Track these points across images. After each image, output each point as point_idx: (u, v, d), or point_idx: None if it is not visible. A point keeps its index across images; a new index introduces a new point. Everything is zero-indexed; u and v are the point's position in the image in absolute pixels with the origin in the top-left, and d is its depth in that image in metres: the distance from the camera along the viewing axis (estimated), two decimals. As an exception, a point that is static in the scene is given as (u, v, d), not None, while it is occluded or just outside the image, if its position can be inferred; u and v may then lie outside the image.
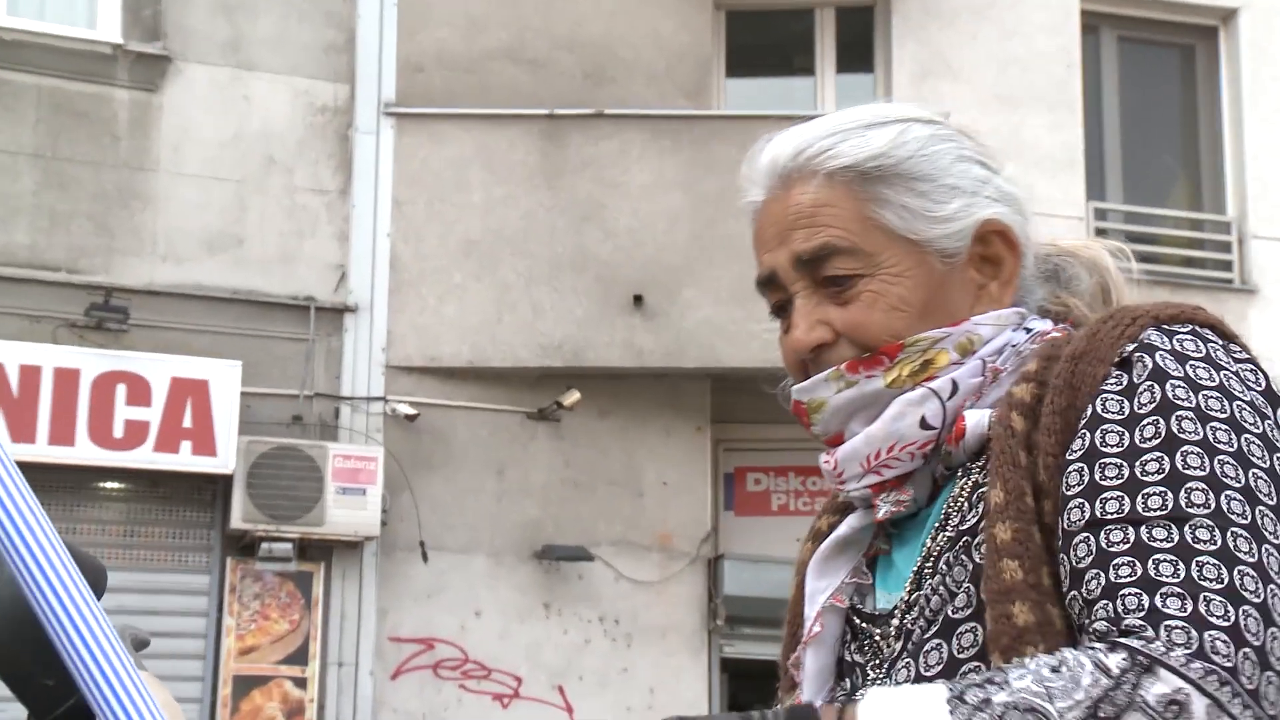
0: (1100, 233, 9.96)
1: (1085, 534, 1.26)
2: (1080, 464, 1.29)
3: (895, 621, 1.42)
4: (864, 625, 1.48)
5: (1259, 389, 1.32)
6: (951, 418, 1.43)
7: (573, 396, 9.24)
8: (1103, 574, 1.23)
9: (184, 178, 9.31)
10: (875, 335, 1.44)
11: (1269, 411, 1.30)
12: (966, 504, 1.39)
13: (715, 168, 9.35)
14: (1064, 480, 1.30)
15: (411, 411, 9.19)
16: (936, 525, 1.42)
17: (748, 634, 9.56)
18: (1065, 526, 1.28)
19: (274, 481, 8.75)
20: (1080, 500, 1.27)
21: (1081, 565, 1.25)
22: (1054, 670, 1.17)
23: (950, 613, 1.36)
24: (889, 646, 1.43)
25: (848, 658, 1.49)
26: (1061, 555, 1.29)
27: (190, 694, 8.85)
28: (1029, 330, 1.47)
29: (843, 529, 1.52)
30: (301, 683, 8.92)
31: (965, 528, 1.36)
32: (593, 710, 9.25)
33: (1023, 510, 1.30)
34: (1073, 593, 1.26)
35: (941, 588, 1.37)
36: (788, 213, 1.47)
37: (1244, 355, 1.34)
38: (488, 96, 9.67)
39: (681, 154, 9.47)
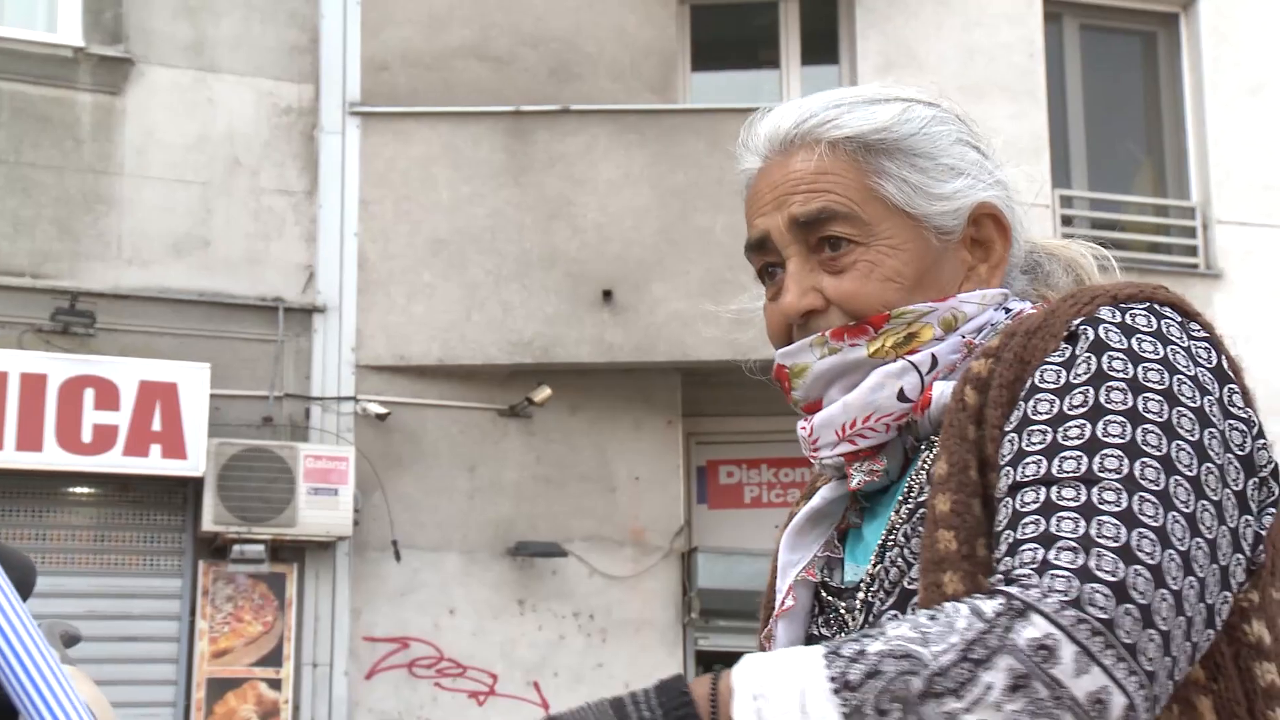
0: (1066, 220, 10.08)
1: (1006, 498, 1.28)
2: (1013, 434, 1.30)
3: (860, 595, 1.44)
4: (830, 599, 1.49)
5: (1208, 365, 1.32)
6: (925, 388, 1.44)
7: (543, 393, 9.23)
8: (1012, 533, 1.24)
9: (149, 181, 9.24)
10: (867, 305, 1.45)
11: (1213, 388, 1.30)
12: (926, 476, 1.40)
13: (682, 162, 9.37)
14: (999, 451, 1.31)
15: (382, 411, 9.17)
16: (900, 498, 1.43)
17: (723, 627, 9.55)
18: (996, 495, 1.30)
19: (245, 483, 8.70)
20: (1007, 468, 1.29)
21: (999, 529, 1.27)
22: (931, 618, 1.19)
23: (906, 584, 1.37)
24: (854, 620, 1.43)
25: (815, 632, 1.50)
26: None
27: (164, 698, 8.82)
28: (1008, 310, 1.49)
29: (815, 500, 1.53)
30: (276, 684, 8.88)
31: (922, 500, 1.38)
32: (569, 706, 9.15)
33: (964, 483, 1.31)
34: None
35: (900, 559, 1.39)
36: (788, 177, 1.48)
37: (1201, 333, 1.34)
38: (453, 94, 9.62)
39: (648, 148, 9.45)
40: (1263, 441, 1.33)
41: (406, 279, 9.36)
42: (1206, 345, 1.34)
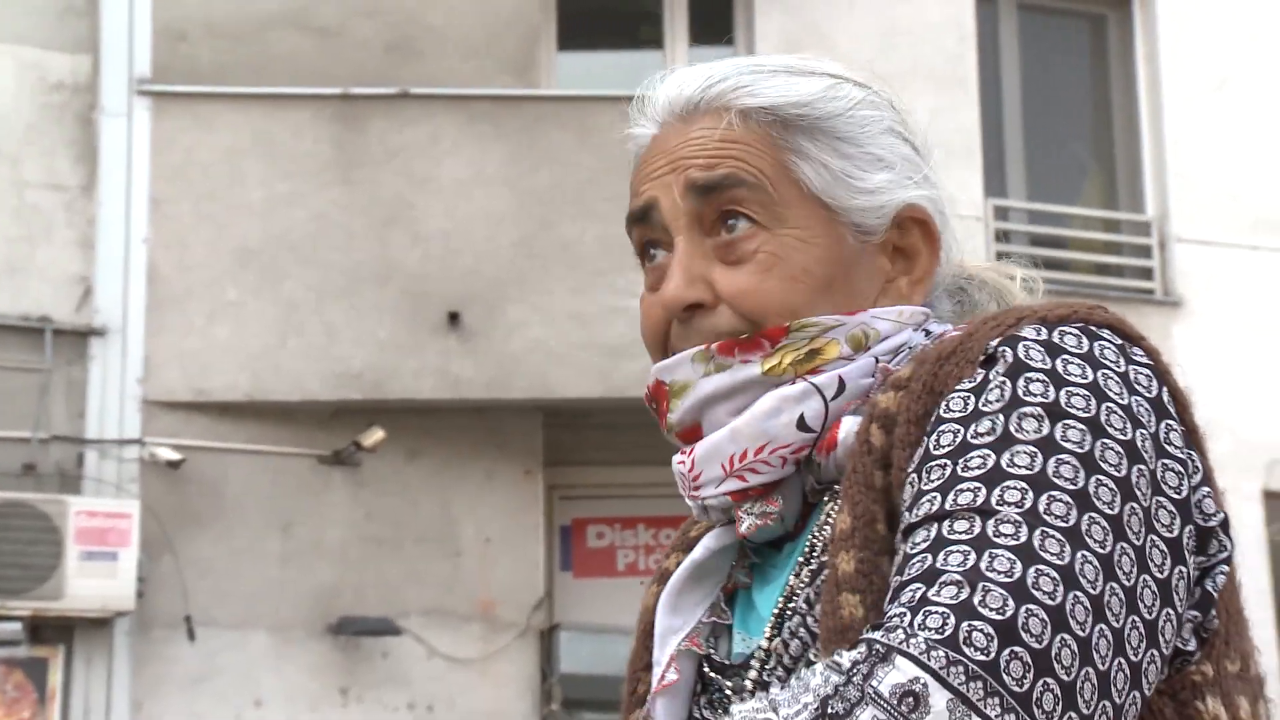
0: (1001, 235, 9.97)
1: (901, 545, 1.26)
2: (914, 474, 1.28)
3: (752, 674, 1.40)
4: (714, 676, 1.45)
5: (1147, 395, 1.29)
6: (832, 421, 1.40)
7: (375, 436, 8.84)
8: (899, 578, 1.22)
9: (-119, 171, 9.06)
10: (765, 306, 1.42)
11: (1148, 421, 1.27)
12: (831, 532, 1.37)
13: (547, 158, 9.22)
14: (901, 496, 1.30)
15: (175, 456, 8.79)
16: (801, 558, 1.40)
17: (590, 720, 9.44)
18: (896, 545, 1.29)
19: (-1, 546, 8.50)
20: (905, 514, 1.27)
21: (893, 580, 1.24)
22: (783, 686, 1.19)
23: (811, 657, 1.34)
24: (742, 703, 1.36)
25: (697, 715, 1.46)
26: None
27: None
28: (929, 333, 1.44)
29: (698, 552, 1.49)
30: (34, 797, 8.72)
31: (827, 559, 1.35)
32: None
33: (870, 539, 1.29)
34: None
35: (802, 630, 1.36)
36: (688, 142, 1.45)
37: (1143, 360, 1.31)
38: (267, 72, 9.23)
39: (506, 142, 9.21)
40: (1208, 490, 1.29)
41: (207, 296, 8.98)
42: (1148, 373, 1.30)
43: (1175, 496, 1.26)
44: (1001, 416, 1.25)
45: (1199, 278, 10.14)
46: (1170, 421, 1.29)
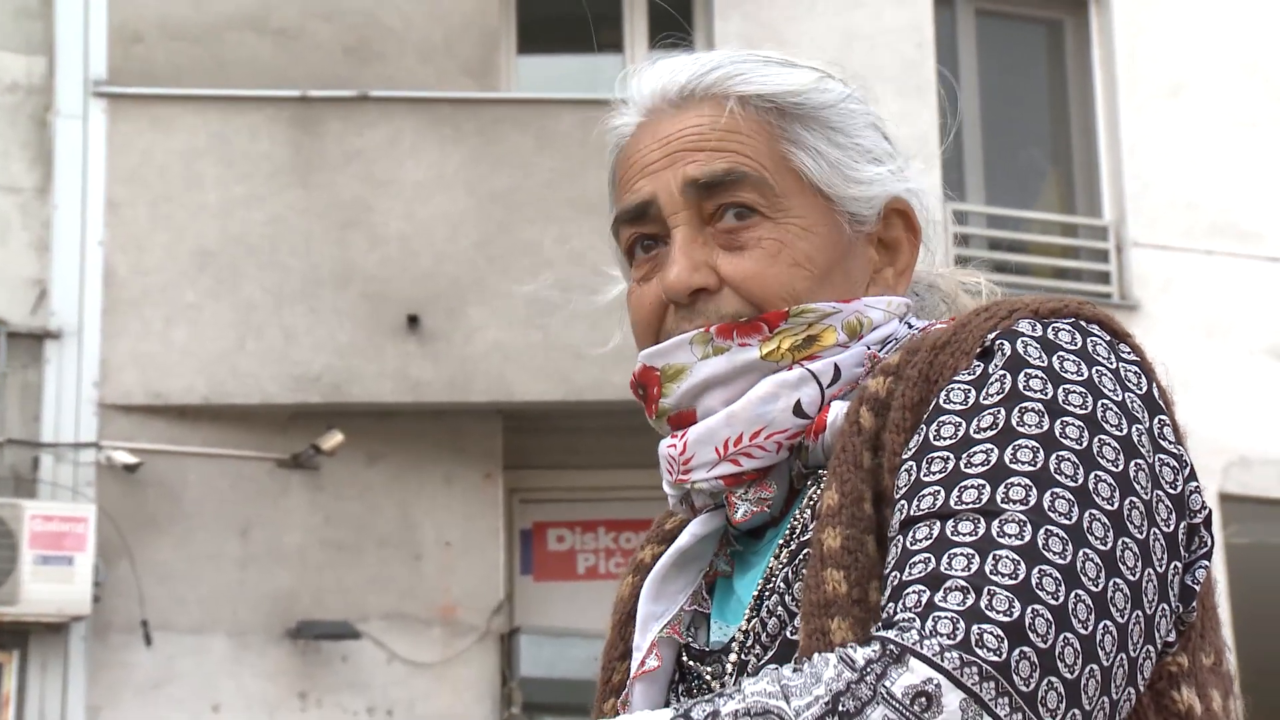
0: (960, 239, 9.93)
1: (898, 535, 1.27)
2: (911, 462, 1.30)
3: (732, 657, 1.41)
4: (692, 664, 1.47)
5: (1138, 392, 1.31)
6: (823, 406, 1.43)
7: (334, 439, 8.83)
8: (899, 574, 1.24)
9: None
10: (772, 291, 1.42)
11: (1142, 416, 1.30)
12: (812, 513, 1.40)
13: (506, 161, 9.23)
14: (896, 482, 1.32)
15: (131, 460, 8.75)
16: (782, 541, 1.41)
17: (550, 724, 9.41)
18: (889, 532, 1.30)
19: (-48, 551, 8.32)
20: (902, 502, 1.29)
21: (887, 569, 1.27)
22: (795, 670, 1.20)
23: (789, 634, 1.36)
24: (721, 687, 1.41)
25: (674, 701, 1.46)
26: None
27: None
28: (911, 326, 1.48)
29: (684, 538, 1.48)
30: (-12, 803, 8.60)
31: (807, 538, 1.36)
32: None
33: (857, 517, 1.31)
34: None
35: (780, 608, 1.37)
36: (684, 132, 1.45)
37: (1131, 356, 1.33)
38: (225, 74, 9.23)
39: (464, 145, 9.24)
40: (1195, 484, 1.32)
41: (164, 298, 8.95)
42: (1137, 370, 1.32)
43: (1171, 491, 1.28)
44: (1002, 410, 1.26)
45: (1155, 282, 10.15)
46: (1163, 417, 1.31)
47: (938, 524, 1.23)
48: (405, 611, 9.11)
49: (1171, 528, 1.27)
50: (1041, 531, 1.20)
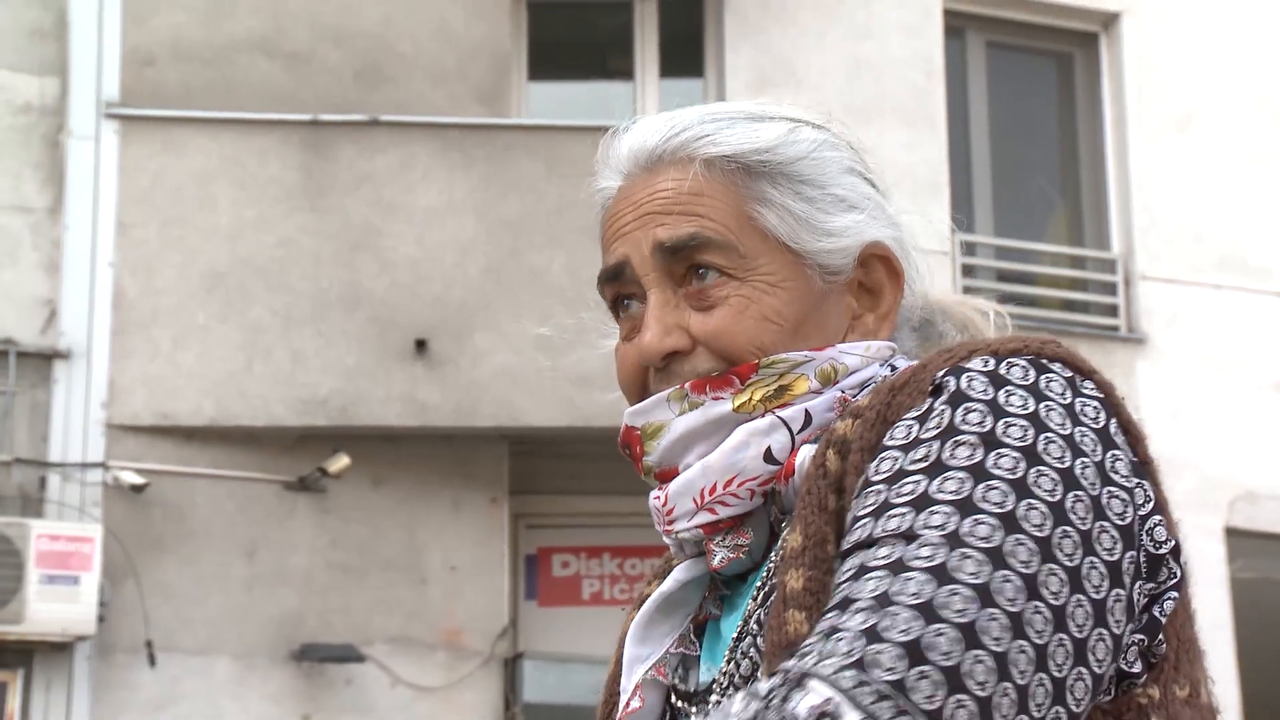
0: (968, 270, 10.05)
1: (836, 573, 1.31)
2: (855, 500, 1.32)
3: (713, 698, 1.45)
4: (680, 704, 1.50)
5: (1093, 426, 1.32)
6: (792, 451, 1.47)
7: (341, 462, 8.85)
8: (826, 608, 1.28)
9: None
10: (741, 347, 1.46)
11: (1093, 449, 1.30)
12: (779, 556, 1.41)
13: (515, 187, 9.24)
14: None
15: (139, 480, 8.77)
16: (759, 583, 1.44)
17: (554, 749, 9.49)
18: None
19: (-42, 570, 8.39)
20: (845, 539, 1.31)
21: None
22: (706, 715, 1.29)
23: (761, 676, 1.36)
24: None
25: None
26: None
27: None
28: (894, 368, 1.48)
29: (667, 584, 1.52)
30: (-11, 824, 8.58)
31: (777, 580, 1.38)
32: None
33: (820, 558, 1.32)
34: None
35: (753, 650, 1.40)
36: (654, 196, 1.49)
37: (1092, 393, 1.34)
38: (236, 97, 9.27)
39: (474, 170, 9.24)
40: (1159, 518, 1.32)
41: (174, 320, 8.99)
42: (1096, 405, 1.32)
43: (1119, 522, 1.28)
44: (937, 443, 1.28)
45: (1163, 315, 10.14)
46: (1117, 452, 1.32)
47: (861, 553, 1.25)
48: (410, 635, 9.13)
49: (1116, 556, 1.27)
50: (956, 553, 1.21)
